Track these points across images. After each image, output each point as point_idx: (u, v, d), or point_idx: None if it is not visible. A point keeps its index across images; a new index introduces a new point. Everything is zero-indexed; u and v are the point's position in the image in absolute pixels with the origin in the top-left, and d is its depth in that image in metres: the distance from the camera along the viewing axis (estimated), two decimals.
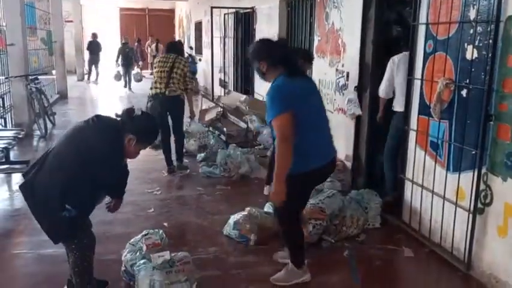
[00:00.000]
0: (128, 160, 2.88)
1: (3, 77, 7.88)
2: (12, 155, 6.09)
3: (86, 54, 17.04)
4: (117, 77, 15.17)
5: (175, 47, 5.97)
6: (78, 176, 2.58)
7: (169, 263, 2.93)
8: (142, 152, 2.82)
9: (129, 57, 14.95)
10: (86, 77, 17.23)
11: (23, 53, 7.98)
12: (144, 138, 2.74)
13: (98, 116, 2.74)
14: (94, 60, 16.80)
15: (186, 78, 5.64)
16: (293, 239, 3.21)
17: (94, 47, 16.65)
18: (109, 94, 14.25)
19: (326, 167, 3.05)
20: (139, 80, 15.07)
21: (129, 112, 2.72)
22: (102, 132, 2.66)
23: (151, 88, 5.62)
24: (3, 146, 5.45)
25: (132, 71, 15.29)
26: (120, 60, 14.90)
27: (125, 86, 14.79)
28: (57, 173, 2.59)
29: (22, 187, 2.67)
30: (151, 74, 5.77)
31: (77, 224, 2.67)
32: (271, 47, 3.08)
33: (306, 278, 3.25)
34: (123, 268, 3.17)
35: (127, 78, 14.86)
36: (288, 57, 3.04)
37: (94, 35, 16.92)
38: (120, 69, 15.04)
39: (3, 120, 7.61)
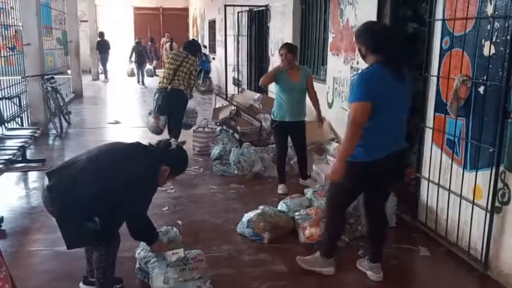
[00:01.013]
0: None
1: (20, 77, 7.98)
2: (29, 154, 6.18)
3: (97, 54, 17.23)
4: (130, 73, 17.17)
5: (190, 46, 6.28)
6: (113, 192, 2.66)
7: (183, 261, 2.95)
8: None
9: (142, 54, 16.25)
10: (101, 76, 17.41)
11: (39, 53, 8.07)
12: (176, 169, 2.99)
13: (140, 144, 2.96)
14: (103, 59, 17.04)
15: (191, 76, 5.96)
16: (329, 228, 3.32)
17: (102, 46, 16.91)
18: (123, 91, 14.43)
19: (375, 163, 2.94)
20: (151, 76, 17.08)
21: (166, 145, 2.93)
22: (142, 160, 2.81)
23: (159, 82, 6.06)
24: (19, 144, 5.51)
25: (145, 67, 16.69)
26: (133, 57, 16.18)
27: (138, 82, 15.98)
28: (94, 183, 2.64)
29: (52, 189, 2.65)
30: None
31: (98, 237, 2.72)
32: (372, 32, 2.97)
33: (327, 271, 3.32)
34: (137, 266, 3.19)
35: (140, 74, 16.09)
36: (385, 47, 2.91)
37: (101, 34, 17.20)
38: (134, 65, 16.49)
39: (19, 119, 7.70)
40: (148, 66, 17.37)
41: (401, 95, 2.97)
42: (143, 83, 15.82)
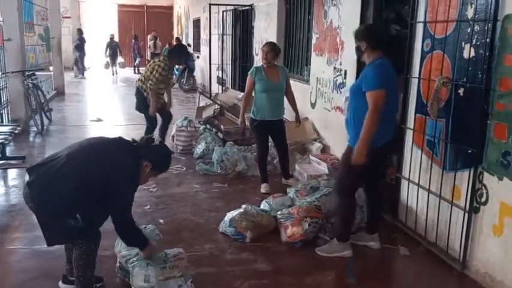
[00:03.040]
0: None
1: (0, 73, 7.85)
2: (9, 151, 6.09)
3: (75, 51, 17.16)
4: (106, 66, 19.04)
5: (171, 50, 6.89)
6: (95, 187, 2.64)
7: (164, 259, 2.93)
8: None
9: (114, 49, 18.36)
10: (83, 73, 17.23)
11: (20, 49, 7.95)
12: (158, 166, 2.94)
13: (121, 138, 2.90)
14: (81, 56, 17.05)
15: (150, 75, 5.87)
16: (342, 212, 3.58)
17: (81, 43, 16.96)
18: (106, 89, 14.43)
19: (382, 148, 3.37)
20: (123, 67, 19.48)
21: (149, 141, 2.91)
22: (125, 155, 2.78)
23: None
24: None
25: (117, 60, 18.72)
26: (108, 51, 18.31)
27: (113, 74, 18.08)
28: (75, 179, 2.61)
29: (32, 185, 2.61)
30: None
31: (79, 233, 2.70)
32: (375, 31, 3.49)
33: (346, 253, 3.56)
34: (117, 264, 3.16)
35: (113, 65, 18.39)
36: (386, 44, 3.39)
37: (80, 31, 17.40)
38: (108, 59, 18.60)
39: None
40: (120, 59, 19.16)
41: (396, 86, 3.46)
42: (116, 73, 18.09)
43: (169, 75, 6.21)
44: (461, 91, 3.38)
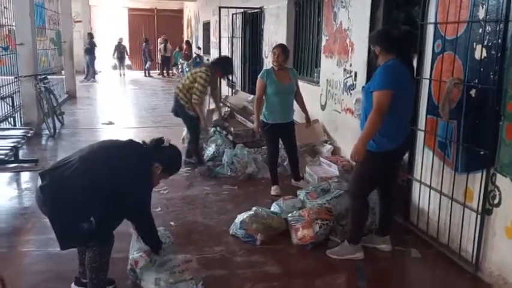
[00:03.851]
0: None
1: (13, 77, 7.94)
2: (21, 154, 6.15)
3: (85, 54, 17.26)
4: (114, 67, 20.33)
5: (215, 61, 5.98)
6: (107, 190, 2.66)
7: (174, 262, 2.95)
8: None
9: (122, 52, 19.28)
10: (94, 76, 17.35)
11: (33, 53, 8.03)
12: (168, 168, 2.95)
13: (132, 141, 2.93)
14: (92, 59, 17.15)
15: (190, 88, 5.59)
16: (354, 214, 3.56)
17: (92, 47, 17.10)
18: (117, 93, 14.53)
19: (395, 151, 3.39)
20: (130, 68, 20.73)
21: (159, 142, 2.90)
22: (136, 157, 2.80)
23: None
24: (12, 144, 5.50)
25: (125, 62, 19.72)
26: (116, 54, 19.18)
27: (120, 75, 19.20)
28: (87, 183, 2.62)
29: (45, 189, 2.63)
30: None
31: (92, 237, 2.71)
32: (388, 35, 3.38)
33: (358, 256, 3.54)
34: (129, 267, 3.17)
35: (121, 67, 19.45)
36: (401, 47, 3.31)
37: (90, 35, 17.61)
38: (116, 61, 19.60)
39: (12, 119, 7.68)
40: (127, 62, 20.16)
41: (412, 89, 3.45)
42: (124, 75, 19.10)
43: (212, 86, 5.93)
44: (473, 92, 3.35)
